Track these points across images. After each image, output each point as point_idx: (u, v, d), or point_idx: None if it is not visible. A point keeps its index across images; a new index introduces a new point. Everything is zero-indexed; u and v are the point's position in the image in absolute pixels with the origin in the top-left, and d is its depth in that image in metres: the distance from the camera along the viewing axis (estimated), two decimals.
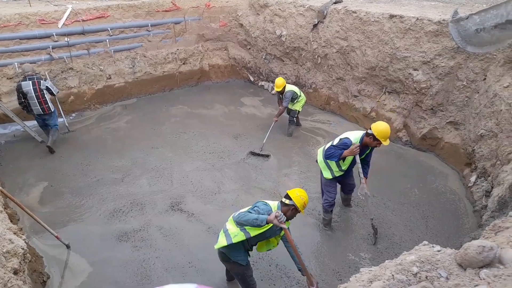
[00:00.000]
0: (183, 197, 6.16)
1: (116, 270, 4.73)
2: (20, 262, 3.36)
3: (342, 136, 4.96)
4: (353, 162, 5.02)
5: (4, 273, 2.97)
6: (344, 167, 5.04)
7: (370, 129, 4.71)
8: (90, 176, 6.71)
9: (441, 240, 5.11)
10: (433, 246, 2.04)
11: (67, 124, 8.44)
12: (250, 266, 4.04)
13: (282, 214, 3.39)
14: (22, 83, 7.19)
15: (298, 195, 3.65)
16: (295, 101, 8.00)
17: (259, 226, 3.41)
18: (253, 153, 7.44)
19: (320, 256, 4.97)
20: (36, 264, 4.50)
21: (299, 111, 8.19)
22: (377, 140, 4.64)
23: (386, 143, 4.68)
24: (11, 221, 4.42)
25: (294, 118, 8.22)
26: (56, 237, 4.93)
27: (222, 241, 3.76)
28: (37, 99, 7.24)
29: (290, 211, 3.65)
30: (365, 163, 5.16)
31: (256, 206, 3.65)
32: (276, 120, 7.87)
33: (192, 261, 4.87)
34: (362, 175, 5.01)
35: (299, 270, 3.90)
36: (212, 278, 4.62)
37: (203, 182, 6.56)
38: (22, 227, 4.97)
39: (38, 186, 6.42)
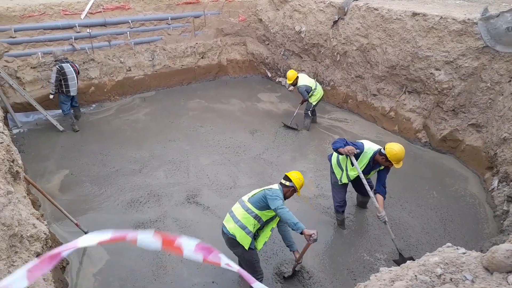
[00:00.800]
0: (199, 190, 6.21)
1: (132, 259, 4.81)
2: (42, 247, 3.46)
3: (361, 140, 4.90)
4: (366, 172, 4.81)
5: (28, 256, 3.05)
6: (351, 173, 4.91)
7: (384, 148, 4.51)
8: (109, 166, 6.82)
9: (459, 244, 4.98)
10: (457, 248, 2.00)
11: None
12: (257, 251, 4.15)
13: (316, 237, 3.63)
14: (63, 65, 7.64)
15: (297, 177, 4.02)
16: (310, 94, 8.02)
17: (292, 229, 3.72)
18: (284, 124, 8.33)
19: (334, 255, 4.94)
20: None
21: (314, 105, 8.15)
22: (389, 161, 4.45)
23: (398, 166, 4.44)
24: (33, 207, 4.54)
25: (309, 112, 8.18)
26: (76, 224, 5.04)
27: (236, 230, 3.87)
28: (75, 80, 7.85)
29: (290, 192, 4.03)
30: (381, 182, 4.72)
31: (277, 195, 3.81)
32: (301, 103, 8.37)
33: None
34: (370, 193, 4.70)
35: (288, 246, 4.26)
36: (225, 272, 4.63)
37: (218, 176, 6.60)
38: (43, 213, 5.10)
39: (59, 174, 6.57)
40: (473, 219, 5.52)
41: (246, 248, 3.90)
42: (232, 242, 3.96)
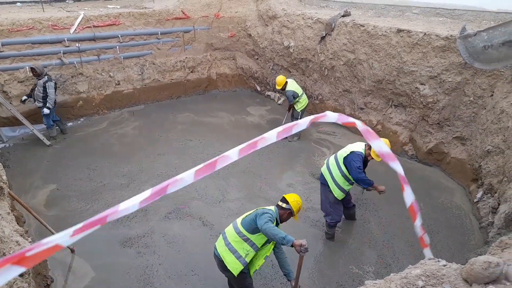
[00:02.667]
0: (188, 204, 6.17)
1: (119, 275, 4.74)
2: None
3: (349, 149, 4.95)
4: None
5: None
6: (353, 180, 5.03)
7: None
8: (96, 181, 6.76)
9: (446, 256, 5.07)
10: (438, 261, 2.04)
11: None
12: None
13: (307, 245, 3.37)
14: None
15: (295, 200, 3.83)
16: (296, 100, 8.26)
17: (282, 244, 3.45)
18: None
19: (323, 268, 4.94)
20: (40, 267, 4.52)
21: (301, 113, 8.35)
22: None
23: (378, 159, 4.64)
24: (17, 223, 4.46)
25: (298, 120, 8.31)
26: None
27: (225, 253, 3.70)
28: None
29: (286, 214, 3.83)
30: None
31: (267, 213, 3.62)
32: (288, 110, 8.69)
33: (194, 269, 4.87)
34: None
35: (285, 275, 3.89)
36: (215, 287, 4.61)
37: (207, 190, 6.58)
38: (27, 230, 5.01)
39: (44, 189, 6.48)
40: (459, 231, 5.59)
41: (235, 274, 3.69)
42: (222, 265, 3.78)
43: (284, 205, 3.83)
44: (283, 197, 3.90)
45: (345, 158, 4.93)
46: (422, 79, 7.06)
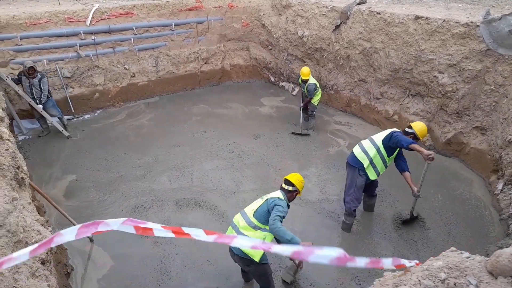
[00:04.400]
0: (203, 195, 6.22)
1: (136, 264, 4.82)
2: (47, 253, 3.47)
3: (387, 132, 4.92)
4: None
5: (33, 263, 3.07)
6: (389, 163, 5.03)
7: (410, 127, 4.86)
8: (113, 172, 6.86)
9: (465, 248, 4.93)
10: (461, 253, 1.99)
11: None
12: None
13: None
14: None
15: (298, 180, 4.01)
16: (314, 94, 8.10)
17: (283, 238, 3.50)
18: (295, 133, 8.23)
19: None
20: (61, 256, 4.64)
21: (316, 106, 8.32)
22: (417, 138, 4.77)
23: (422, 140, 4.89)
24: (38, 213, 4.56)
25: (314, 112, 8.33)
26: None
27: (253, 250, 3.63)
28: None
29: (294, 196, 4.04)
30: (402, 160, 5.13)
31: (279, 206, 3.65)
32: (301, 107, 8.39)
33: (210, 259, 4.91)
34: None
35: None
36: (230, 277, 4.65)
37: (222, 181, 6.61)
38: (48, 219, 5.13)
39: (63, 180, 6.61)
40: (479, 223, 5.47)
41: (257, 261, 3.70)
42: (243, 260, 3.78)
43: (290, 188, 3.98)
44: (286, 179, 4.01)
45: (385, 138, 4.85)
46: (440, 68, 6.88)
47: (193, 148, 7.73)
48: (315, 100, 8.20)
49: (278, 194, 3.91)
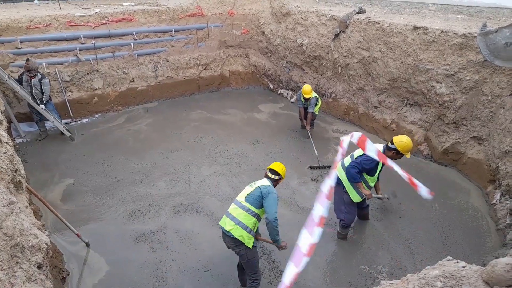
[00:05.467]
0: (200, 201, 6.21)
1: (133, 270, 4.80)
2: (43, 257, 3.45)
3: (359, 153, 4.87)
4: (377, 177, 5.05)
5: (29, 267, 3.05)
6: (372, 184, 4.99)
7: (392, 143, 4.65)
8: (111, 176, 6.84)
9: (461, 258, 4.95)
10: (457, 262, 2.00)
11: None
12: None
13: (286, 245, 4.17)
14: None
15: (282, 169, 4.34)
16: (316, 104, 8.19)
17: (274, 240, 4.09)
18: (314, 167, 7.29)
19: (335, 268, 4.91)
20: (57, 260, 4.61)
21: (316, 115, 8.45)
22: (400, 154, 4.61)
23: (408, 156, 4.67)
24: (35, 217, 4.54)
25: (313, 121, 8.45)
26: (77, 234, 5.04)
27: (238, 230, 3.97)
28: None
29: (278, 183, 4.41)
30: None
31: (272, 193, 4.04)
32: (309, 128, 8.21)
33: (207, 265, 4.89)
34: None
35: (274, 241, 4.18)
36: (226, 284, 4.64)
37: (220, 187, 6.61)
38: (44, 223, 5.10)
39: (61, 184, 6.59)
40: (476, 233, 5.48)
41: (250, 246, 4.01)
42: (235, 241, 4.02)
43: (276, 177, 4.30)
44: (271, 169, 4.31)
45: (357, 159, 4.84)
46: (438, 78, 6.94)
47: (191, 154, 7.73)
48: (316, 109, 8.25)
49: (266, 182, 4.22)
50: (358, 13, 8.74)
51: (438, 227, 5.63)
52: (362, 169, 4.72)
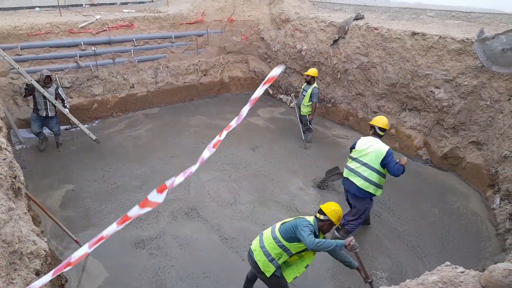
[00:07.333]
0: (200, 207, 6.20)
1: (132, 276, 4.78)
2: (42, 264, 3.44)
3: (367, 145, 5.06)
4: None
5: (27, 274, 3.05)
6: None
7: (379, 127, 5.23)
8: (110, 182, 6.84)
9: (460, 263, 4.95)
10: (456, 267, 2.00)
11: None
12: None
13: (355, 241, 3.53)
14: None
15: (332, 210, 3.75)
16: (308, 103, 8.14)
17: (335, 250, 3.63)
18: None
19: (335, 274, 4.90)
20: (55, 267, 4.58)
21: (310, 119, 8.30)
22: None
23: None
24: (33, 223, 4.53)
25: (310, 125, 8.42)
26: (76, 241, 5.03)
27: (259, 254, 3.77)
28: None
29: (326, 225, 3.76)
30: None
31: (307, 227, 3.61)
32: (312, 118, 8.28)
33: (206, 272, 4.87)
34: None
35: (348, 265, 3.92)
36: None
37: (219, 193, 6.60)
38: (43, 230, 5.09)
39: (60, 190, 6.58)
40: (475, 237, 5.47)
41: (267, 276, 3.75)
42: (255, 267, 3.83)
43: (322, 216, 3.77)
44: (320, 208, 3.83)
45: (383, 160, 4.89)
46: (437, 83, 6.96)
47: (191, 159, 7.67)
48: (307, 111, 8.21)
49: (311, 219, 3.82)
50: (356, 19, 8.80)
51: (437, 232, 5.62)
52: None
